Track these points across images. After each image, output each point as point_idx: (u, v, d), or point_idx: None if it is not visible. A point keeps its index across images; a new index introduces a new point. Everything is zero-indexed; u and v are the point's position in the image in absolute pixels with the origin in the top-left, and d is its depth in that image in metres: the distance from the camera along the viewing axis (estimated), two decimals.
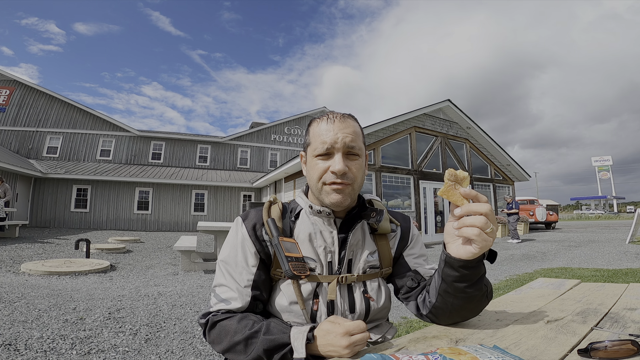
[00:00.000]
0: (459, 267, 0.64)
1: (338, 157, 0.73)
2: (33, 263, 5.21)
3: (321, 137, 0.75)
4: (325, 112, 0.80)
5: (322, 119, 0.78)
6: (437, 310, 0.72)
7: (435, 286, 0.71)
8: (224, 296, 0.74)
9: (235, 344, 0.67)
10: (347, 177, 0.73)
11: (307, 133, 0.81)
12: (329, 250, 0.77)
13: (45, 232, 11.07)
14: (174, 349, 2.19)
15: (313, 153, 0.76)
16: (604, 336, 0.63)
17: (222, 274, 0.77)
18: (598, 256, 6.34)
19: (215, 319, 0.72)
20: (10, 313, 2.68)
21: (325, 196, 0.75)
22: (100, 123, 16.37)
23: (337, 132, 0.74)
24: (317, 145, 0.75)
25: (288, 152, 19.57)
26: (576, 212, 46.08)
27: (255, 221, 0.78)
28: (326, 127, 0.75)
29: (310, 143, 0.79)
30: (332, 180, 0.73)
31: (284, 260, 0.70)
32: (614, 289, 1.07)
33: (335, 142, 0.73)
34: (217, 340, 0.71)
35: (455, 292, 0.67)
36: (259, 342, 0.65)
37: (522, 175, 14.68)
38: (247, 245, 0.76)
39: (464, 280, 0.65)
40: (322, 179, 0.74)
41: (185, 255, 5.42)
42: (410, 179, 10.51)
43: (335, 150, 0.74)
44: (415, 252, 0.85)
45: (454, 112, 12.05)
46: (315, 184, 0.76)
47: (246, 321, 0.69)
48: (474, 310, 0.72)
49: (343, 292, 0.76)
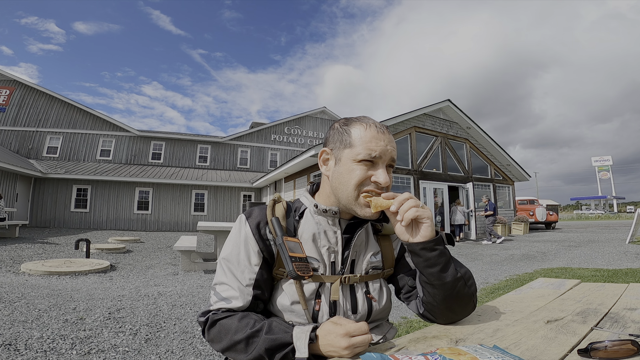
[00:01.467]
0: (420, 250, 0.69)
1: (383, 169, 0.73)
2: (33, 263, 5.21)
3: (370, 144, 0.73)
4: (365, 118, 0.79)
5: (369, 125, 0.76)
6: (428, 305, 0.75)
7: (419, 281, 0.76)
8: (225, 294, 0.73)
9: (235, 342, 0.66)
10: (384, 190, 0.74)
11: (347, 133, 0.76)
12: (333, 250, 0.77)
13: (45, 232, 11.07)
14: (174, 349, 2.19)
15: (354, 157, 0.73)
16: (604, 336, 0.63)
17: (224, 272, 0.76)
18: (598, 256, 6.34)
19: (215, 318, 0.71)
20: (10, 313, 2.68)
21: (358, 208, 0.74)
22: (100, 123, 16.37)
23: (387, 143, 0.74)
24: (361, 150, 0.73)
25: (288, 152, 19.57)
26: (576, 212, 46.10)
27: (259, 219, 0.77)
28: (377, 135, 0.74)
29: (352, 145, 0.75)
30: (370, 189, 0.73)
31: (287, 261, 0.70)
32: (614, 289, 1.07)
33: (384, 154, 0.73)
34: (216, 338, 0.70)
35: (431, 280, 0.71)
36: (260, 341, 0.64)
37: (522, 175, 14.68)
38: (251, 243, 0.75)
39: (432, 264, 0.70)
40: (362, 185, 0.73)
41: (185, 255, 5.42)
42: (410, 179, 10.51)
43: (380, 162, 0.74)
44: None
45: (454, 112, 12.05)
46: (351, 189, 0.73)
47: (247, 320, 0.68)
48: (461, 302, 0.73)
49: (345, 292, 0.76)
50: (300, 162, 10.17)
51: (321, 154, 0.81)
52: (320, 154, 0.81)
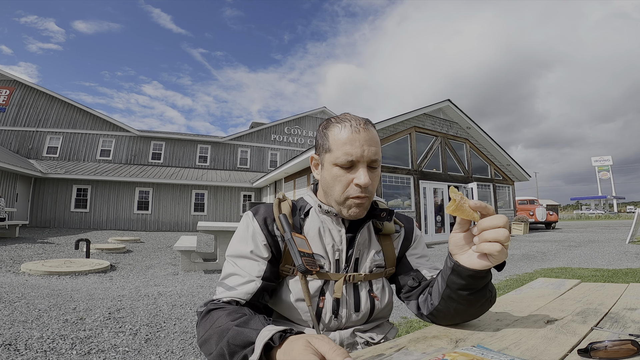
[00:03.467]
0: (468, 276, 0.61)
1: (363, 170, 0.71)
2: (33, 263, 5.21)
3: (345, 148, 0.71)
4: (345, 116, 0.76)
5: (344, 125, 0.73)
6: (439, 312, 0.71)
7: (439, 290, 0.69)
8: (232, 284, 0.71)
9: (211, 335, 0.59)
10: (369, 191, 0.73)
11: (325, 136, 0.76)
12: (337, 249, 0.77)
13: (45, 232, 11.07)
14: (174, 349, 2.19)
15: (334, 161, 0.73)
16: (604, 336, 0.63)
17: (232, 266, 0.74)
18: (598, 256, 6.34)
19: (211, 307, 0.66)
20: (10, 313, 2.68)
21: (345, 209, 0.74)
22: (100, 123, 16.37)
23: (362, 144, 0.71)
24: (339, 154, 0.72)
25: (288, 152, 19.58)
26: (576, 212, 46.11)
27: (266, 215, 0.78)
28: (351, 136, 0.71)
29: (330, 150, 0.74)
30: (356, 195, 0.72)
31: (296, 255, 0.69)
32: (614, 289, 1.07)
33: (361, 157, 0.71)
34: (200, 330, 0.63)
35: (459, 299, 0.66)
36: (228, 333, 0.55)
37: (522, 175, 14.69)
38: (259, 238, 0.75)
39: (469, 289, 0.63)
40: (346, 192, 0.72)
41: (185, 255, 5.42)
42: (410, 178, 10.51)
43: (359, 163, 0.72)
44: (418, 252, 0.86)
45: (454, 112, 12.05)
46: (338, 195, 0.74)
47: (235, 314, 0.61)
48: (476, 314, 0.71)
49: (349, 290, 0.77)
50: (300, 162, 10.18)
51: (311, 160, 0.82)
52: (311, 160, 0.82)
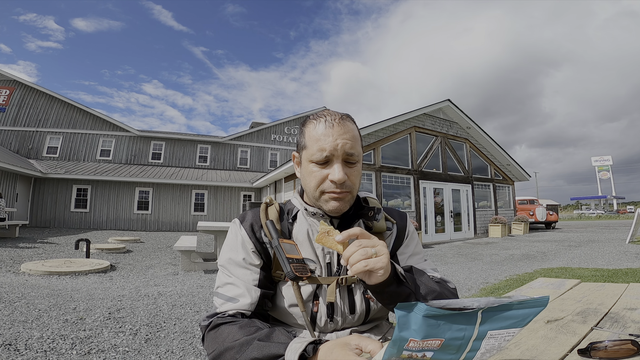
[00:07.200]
0: (374, 291, 0.63)
1: (338, 166, 0.69)
2: (33, 263, 5.21)
3: (319, 143, 0.70)
4: (322, 112, 0.74)
5: (318, 121, 0.73)
6: None
7: None
8: (231, 294, 0.70)
9: (228, 349, 0.59)
10: (346, 186, 0.71)
11: (302, 134, 0.76)
12: (328, 252, 0.76)
13: (45, 232, 11.07)
14: (174, 349, 2.19)
15: (309, 158, 0.72)
16: (604, 336, 0.63)
17: (226, 275, 0.74)
18: (598, 256, 6.34)
19: (219, 321, 0.66)
20: (10, 313, 2.68)
21: (323, 204, 0.73)
22: (100, 123, 16.36)
23: (336, 138, 0.69)
24: (313, 151, 0.71)
25: (288, 152, 19.57)
26: (576, 212, 46.10)
27: (253, 222, 0.77)
28: (324, 131, 0.70)
29: (306, 147, 0.74)
30: (331, 190, 0.70)
31: (285, 262, 0.69)
32: (614, 289, 1.07)
33: (334, 150, 0.69)
34: (212, 344, 0.63)
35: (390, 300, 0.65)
36: (250, 348, 0.57)
37: (522, 175, 14.68)
38: (248, 246, 0.75)
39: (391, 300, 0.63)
40: (321, 187, 0.71)
41: (185, 255, 5.42)
42: (410, 178, 10.51)
43: (334, 158, 0.70)
44: (409, 251, 0.84)
45: (454, 112, 12.05)
46: (313, 191, 0.73)
47: (250, 328, 0.62)
48: None
49: (343, 293, 0.75)
50: None
51: (293, 158, 0.82)
52: (293, 158, 0.82)
